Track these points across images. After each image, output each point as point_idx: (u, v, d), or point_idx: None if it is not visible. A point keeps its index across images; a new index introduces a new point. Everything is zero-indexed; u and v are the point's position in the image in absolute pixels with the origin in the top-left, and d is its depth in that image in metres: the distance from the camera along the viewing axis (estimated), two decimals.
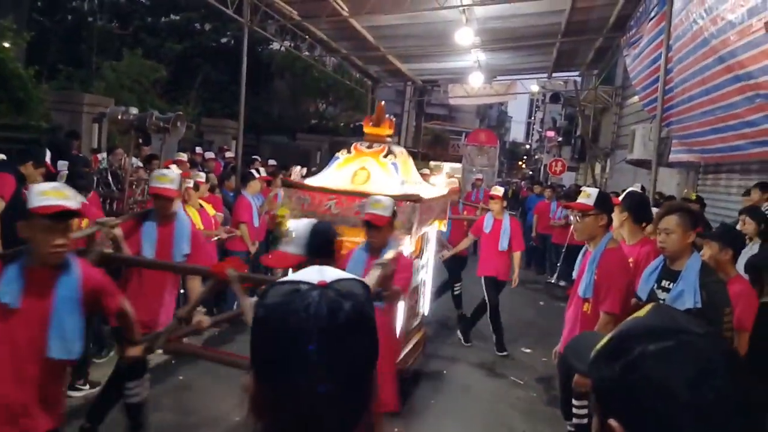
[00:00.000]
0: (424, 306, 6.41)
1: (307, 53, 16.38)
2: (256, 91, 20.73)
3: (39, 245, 2.64)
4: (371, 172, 5.42)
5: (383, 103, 6.48)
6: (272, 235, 8.76)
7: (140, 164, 8.34)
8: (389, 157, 5.54)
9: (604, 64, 16.35)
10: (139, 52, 14.93)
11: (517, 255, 7.50)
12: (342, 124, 26.07)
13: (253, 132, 19.41)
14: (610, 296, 3.79)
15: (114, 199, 7.27)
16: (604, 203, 4.06)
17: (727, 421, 0.84)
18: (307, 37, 14.38)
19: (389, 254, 3.68)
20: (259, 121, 20.73)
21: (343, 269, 1.08)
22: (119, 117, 7.07)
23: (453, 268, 8.27)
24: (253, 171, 8.39)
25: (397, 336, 4.86)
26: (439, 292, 8.14)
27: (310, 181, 5.64)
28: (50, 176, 5.39)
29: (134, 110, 7.23)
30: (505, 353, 7.42)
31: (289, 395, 0.93)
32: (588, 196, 4.13)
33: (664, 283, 3.66)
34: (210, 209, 7.32)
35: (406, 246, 4.95)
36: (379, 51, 15.45)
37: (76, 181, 5.28)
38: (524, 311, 9.86)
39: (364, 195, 4.89)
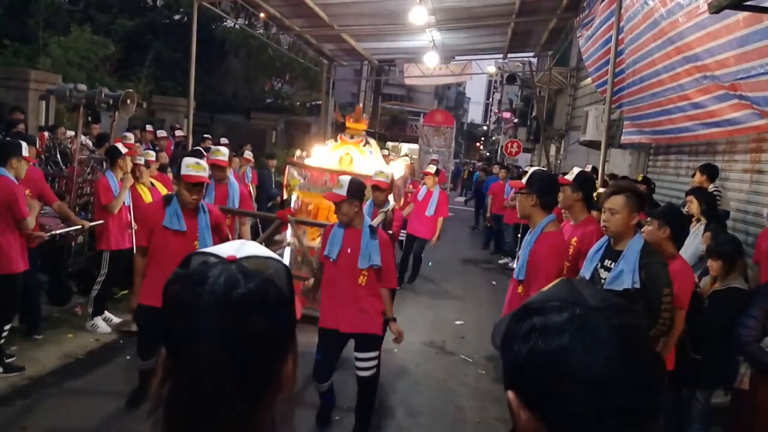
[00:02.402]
0: None
1: (261, 31, 16.13)
2: (210, 69, 20.31)
3: (184, 197, 4.47)
4: (354, 157, 7.32)
5: (359, 106, 8.73)
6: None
7: (89, 143, 8.12)
8: (367, 146, 7.54)
9: (559, 45, 16.52)
10: (88, 27, 14.41)
11: (440, 220, 9.49)
12: (298, 103, 25.77)
13: (206, 110, 19.05)
14: (538, 280, 3.76)
15: (63, 178, 7.08)
16: (533, 183, 4.02)
17: (620, 395, 0.84)
18: (260, 14, 14.12)
19: (389, 207, 6.02)
20: (212, 100, 20.34)
21: None
22: (67, 94, 6.84)
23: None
24: (202, 149, 8.27)
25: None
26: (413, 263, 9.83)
27: (309, 162, 7.54)
28: None
29: (83, 87, 7.01)
30: (409, 283, 9.48)
31: (182, 365, 0.93)
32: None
33: (607, 262, 3.71)
34: (161, 188, 7.22)
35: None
36: (333, 29, 15.27)
37: None
38: (477, 291, 10.02)
39: (349, 174, 6.35)
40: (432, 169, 10.06)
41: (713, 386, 4.46)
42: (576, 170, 5.08)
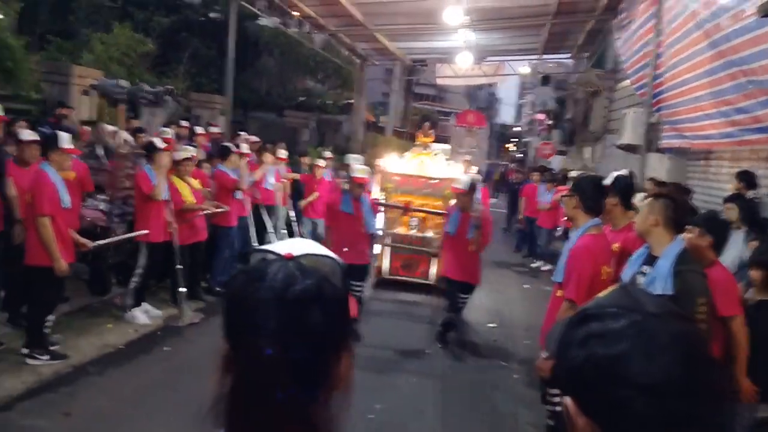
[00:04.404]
0: None
1: (295, 29, 16.20)
2: (244, 67, 20.50)
3: (353, 190, 6.75)
4: (427, 164, 9.51)
5: (428, 123, 10.78)
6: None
7: (129, 137, 8.26)
8: (438, 156, 9.85)
9: (596, 46, 16.35)
10: (128, 25, 14.68)
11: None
12: (330, 102, 25.88)
13: (240, 108, 19.23)
14: (571, 282, 3.78)
15: (104, 171, 7.22)
16: (577, 186, 4.05)
17: (680, 402, 0.84)
18: (295, 14, 14.21)
19: (477, 212, 6.83)
20: (246, 97, 20.51)
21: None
22: (110, 89, 6.98)
23: None
24: (231, 145, 8.38)
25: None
26: None
27: (395, 170, 9.66)
28: None
29: (125, 83, 7.15)
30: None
31: (241, 358, 0.95)
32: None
33: (644, 268, 3.66)
34: (196, 183, 7.31)
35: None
36: (367, 29, 15.30)
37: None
38: (509, 294, 9.95)
39: (428, 178, 9.40)
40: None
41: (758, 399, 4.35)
42: (614, 174, 5.00)
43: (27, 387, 4.81)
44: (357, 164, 7.23)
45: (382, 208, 9.00)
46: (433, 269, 9.20)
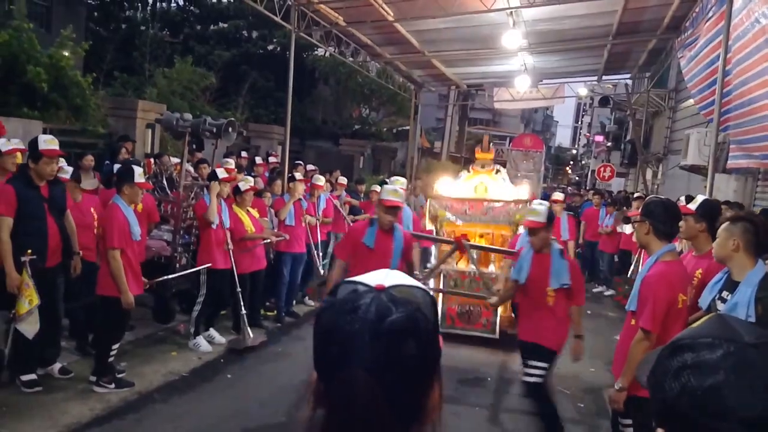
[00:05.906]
0: None
1: (351, 58, 16.47)
2: (301, 97, 20.97)
3: (382, 219, 5.13)
4: (488, 185, 7.94)
5: (487, 136, 9.44)
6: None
7: (191, 169, 8.47)
8: (499, 174, 8.15)
9: (657, 66, 15.99)
10: (190, 59, 15.22)
11: (570, 244, 9.69)
12: (385, 129, 26.11)
13: (297, 137, 19.62)
14: (646, 311, 3.60)
15: (169, 203, 7.41)
16: (647, 210, 3.87)
17: None
18: (351, 43, 14.42)
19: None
20: (303, 127, 20.93)
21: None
22: (174, 123, 7.19)
23: None
24: (296, 175, 8.57)
25: None
26: None
27: (447, 194, 8.02)
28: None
29: (188, 116, 7.36)
30: None
31: (335, 389, 0.95)
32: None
33: (724, 294, 3.52)
34: (255, 213, 7.44)
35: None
36: (424, 55, 15.39)
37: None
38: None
39: (487, 201, 7.72)
40: (560, 196, 10.48)
41: None
42: (700, 198, 4.80)
43: (95, 414, 4.91)
44: (389, 185, 5.74)
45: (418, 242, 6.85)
46: (498, 318, 7.63)
